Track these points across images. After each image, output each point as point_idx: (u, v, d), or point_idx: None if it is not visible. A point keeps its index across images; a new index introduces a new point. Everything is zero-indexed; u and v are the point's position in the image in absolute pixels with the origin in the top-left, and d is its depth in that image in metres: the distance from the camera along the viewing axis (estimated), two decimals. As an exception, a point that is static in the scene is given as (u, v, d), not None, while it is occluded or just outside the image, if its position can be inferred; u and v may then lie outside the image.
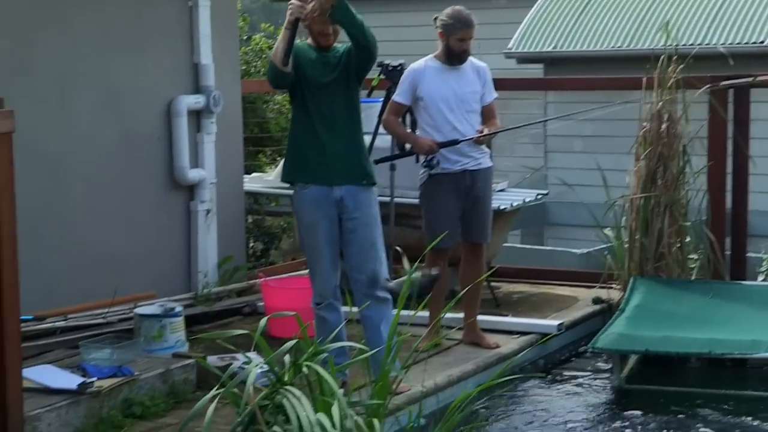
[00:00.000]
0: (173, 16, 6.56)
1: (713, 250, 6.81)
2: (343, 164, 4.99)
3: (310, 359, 3.90)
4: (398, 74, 6.24)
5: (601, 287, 7.05)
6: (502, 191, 7.26)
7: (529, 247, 9.87)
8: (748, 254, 7.14)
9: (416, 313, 4.43)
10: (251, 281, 6.90)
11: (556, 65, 11.43)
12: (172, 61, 6.56)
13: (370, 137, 6.30)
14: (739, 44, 10.33)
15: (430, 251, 5.81)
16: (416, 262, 4.55)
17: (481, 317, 6.21)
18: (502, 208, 6.86)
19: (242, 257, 7.22)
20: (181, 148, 6.52)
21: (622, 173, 7.06)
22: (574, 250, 8.92)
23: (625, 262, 6.86)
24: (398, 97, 5.96)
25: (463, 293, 5.22)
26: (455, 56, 5.85)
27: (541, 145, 11.69)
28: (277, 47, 4.91)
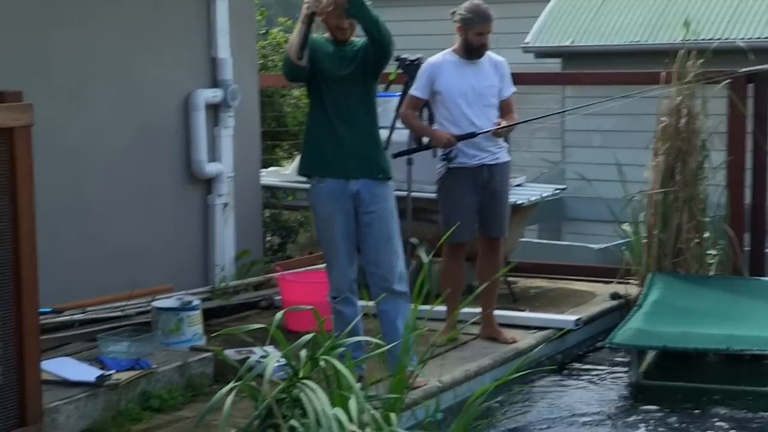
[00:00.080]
0: (191, 10, 6.57)
1: (732, 245, 6.79)
2: (359, 158, 4.99)
3: (327, 353, 3.90)
4: (416, 68, 6.23)
5: (618, 282, 7.04)
6: (519, 186, 7.24)
7: (546, 242, 9.84)
8: (767, 250, 7.11)
9: (433, 307, 4.43)
10: (268, 275, 6.91)
11: (574, 60, 11.39)
12: (190, 55, 6.56)
13: (387, 131, 6.30)
14: (759, 39, 10.28)
15: (447, 245, 5.82)
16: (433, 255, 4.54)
17: (498, 312, 6.20)
18: (519, 202, 6.84)
19: (259, 251, 7.23)
20: (198, 142, 6.53)
21: (640, 168, 7.04)
22: (591, 245, 8.89)
23: (643, 257, 6.85)
24: (416, 91, 5.95)
25: (481, 289, 5.20)
26: (473, 50, 5.84)
27: (558, 140, 11.66)
28: (292, 41, 4.91)
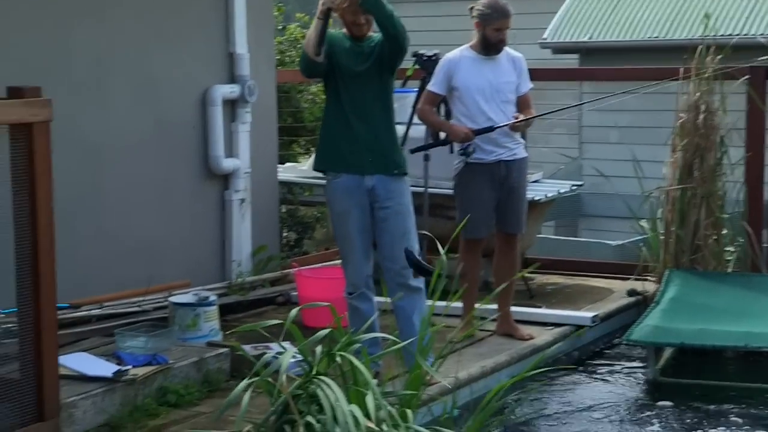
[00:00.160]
0: (209, 5, 6.57)
1: (750, 242, 6.75)
2: (374, 154, 4.98)
3: (343, 349, 3.89)
4: (433, 64, 6.22)
5: (636, 279, 7.01)
6: (536, 182, 7.24)
7: (563, 238, 9.82)
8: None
9: (450, 304, 4.42)
10: (285, 271, 6.91)
11: (591, 55, 11.34)
12: (207, 50, 6.57)
13: (404, 127, 6.29)
14: (778, 34, 10.21)
15: (463, 241, 5.81)
16: (448, 251, 4.51)
17: (514, 308, 6.18)
18: (536, 198, 6.83)
19: (276, 247, 7.23)
20: (216, 137, 6.54)
21: (657, 164, 7.01)
22: (609, 241, 8.86)
23: (660, 254, 6.83)
24: (433, 86, 5.94)
25: (500, 289, 5.20)
26: (492, 46, 5.82)
27: (576, 136, 11.62)
28: (309, 37, 4.91)
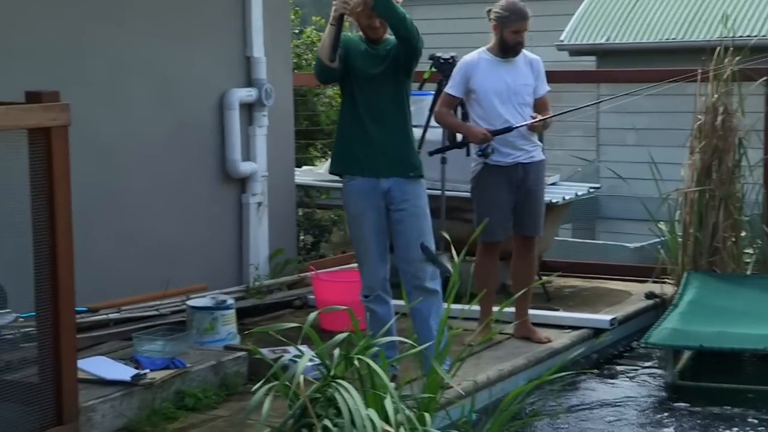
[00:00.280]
0: (226, 8, 6.58)
1: (769, 244, 6.73)
2: (390, 156, 4.98)
3: (361, 352, 3.89)
4: (450, 67, 6.22)
5: (654, 282, 6.99)
6: (554, 185, 7.22)
7: (581, 240, 9.79)
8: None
9: (469, 307, 4.40)
10: (302, 274, 6.91)
11: (609, 57, 11.31)
12: (224, 53, 6.58)
13: (420, 130, 6.28)
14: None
15: (481, 244, 5.80)
16: (466, 254, 4.50)
17: (532, 311, 6.17)
18: (554, 201, 6.81)
19: (293, 250, 7.24)
20: (233, 140, 6.54)
21: (675, 166, 6.98)
22: (627, 244, 8.83)
23: (678, 256, 6.80)
24: (451, 89, 5.93)
25: (519, 295, 5.18)
26: (509, 49, 5.81)
27: (593, 138, 11.59)
28: (323, 43, 4.91)
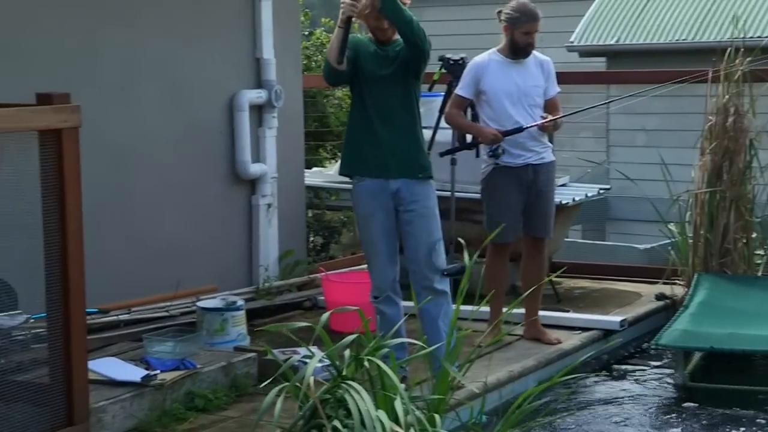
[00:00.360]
0: (235, 10, 6.59)
1: (780, 246, 6.71)
2: (398, 158, 4.98)
3: (371, 353, 3.89)
4: (459, 68, 6.22)
5: (664, 283, 6.97)
6: (563, 186, 7.21)
7: (591, 242, 9.78)
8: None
9: (478, 309, 4.40)
10: (312, 275, 6.92)
11: (619, 58, 11.30)
12: (234, 55, 6.59)
13: (430, 131, 6.27)
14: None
15: (491, 245, 5.79)
16: (476, 256, 4.50)
17: (542, 313, 6.16)
18: (563, 202, 6.80)
19: (303, 251, 7.24)
20: (243, 142, 6.55)
21: (686, 168, 6.97)
22: (637, 245, 8.81)
23: (689, 257, 6.78)
24: (461, 90, 5.93)
25: (528, 293, 5.17)
26: (520, 50, 5.81)
27: (603, 139, 11.58)
28: (331, 45, 4.92)
